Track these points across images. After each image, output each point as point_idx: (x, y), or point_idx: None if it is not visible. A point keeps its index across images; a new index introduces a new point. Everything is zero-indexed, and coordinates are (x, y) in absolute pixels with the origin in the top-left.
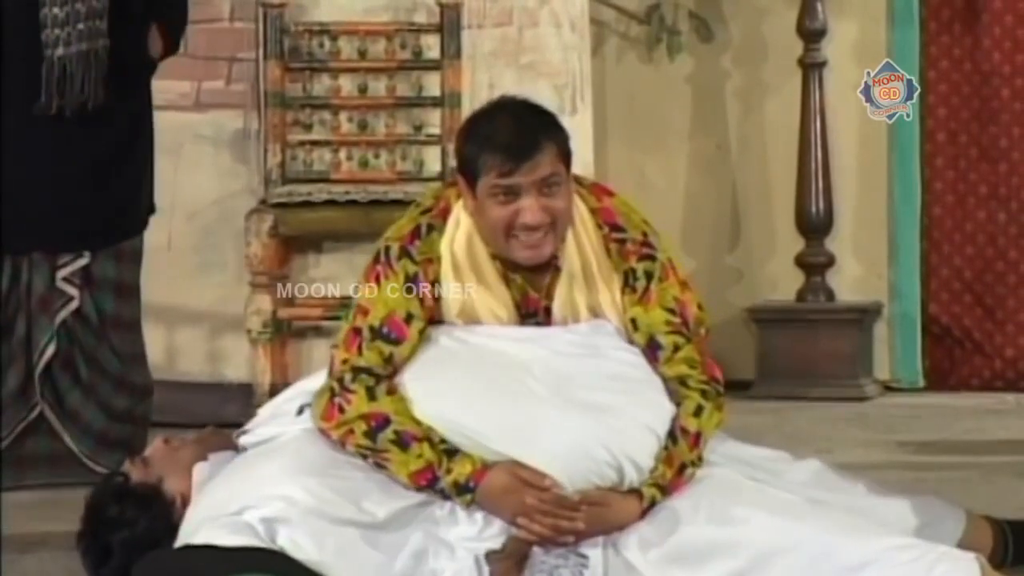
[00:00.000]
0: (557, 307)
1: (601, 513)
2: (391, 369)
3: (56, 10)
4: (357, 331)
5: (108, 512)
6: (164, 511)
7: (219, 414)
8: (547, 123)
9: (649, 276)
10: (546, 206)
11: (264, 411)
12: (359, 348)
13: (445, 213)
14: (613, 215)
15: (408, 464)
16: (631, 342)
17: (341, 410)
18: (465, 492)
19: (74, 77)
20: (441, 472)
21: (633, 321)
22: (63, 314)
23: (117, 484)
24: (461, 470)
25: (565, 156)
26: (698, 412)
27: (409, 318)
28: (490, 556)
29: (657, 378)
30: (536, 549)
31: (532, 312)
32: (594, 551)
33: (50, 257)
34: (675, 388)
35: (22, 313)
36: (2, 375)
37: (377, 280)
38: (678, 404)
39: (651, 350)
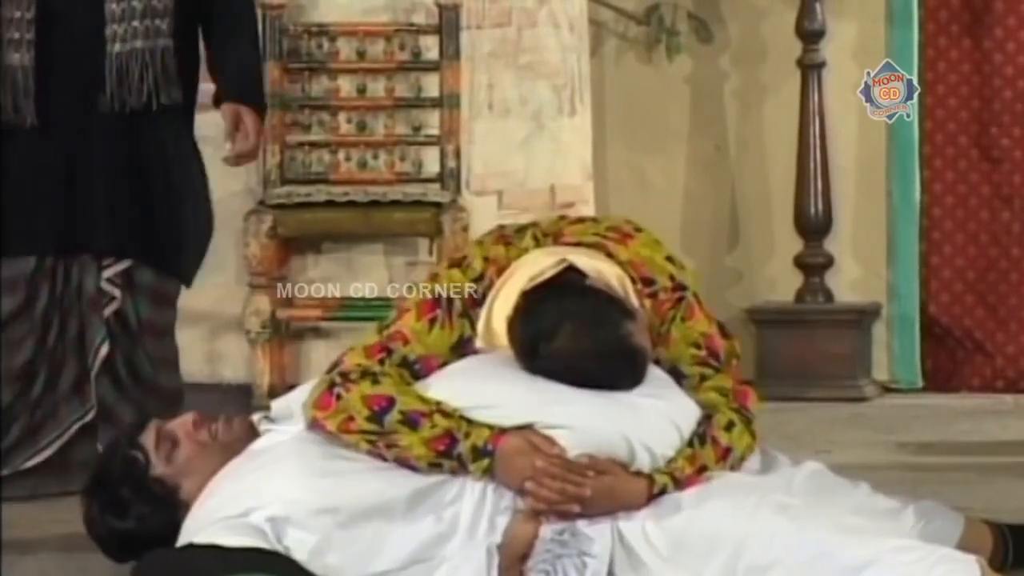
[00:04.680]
0: None
1: (608, 485)
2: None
3: (114, 6)
4: (387, 350)
5: (120, 493)
6: (174, 516)
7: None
8: (620, 315)
9: (672, 319)
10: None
11: (296, 396)
12: (380, 362)
13: (490, 286)
14: (640, 267)
15: (422, 436)
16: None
17: (339, 398)
18: (483, 456)
19: (132, 74)
20: (460, 435)
21: (656, 361)
22: (106, 313)
23: (138, 466)
24: (480, 433)
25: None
26: (729, 427)
27: (443, 364)
28: (501, 547)
29: (685, 393)
30: (540, 536)
31: None
32: (600, 537)
33: (96, 258)
34: (707, 406)
35: (75, 314)
36: (59, 375)
37: (432, 321)
38: (709, 416)
39: (675, 379)
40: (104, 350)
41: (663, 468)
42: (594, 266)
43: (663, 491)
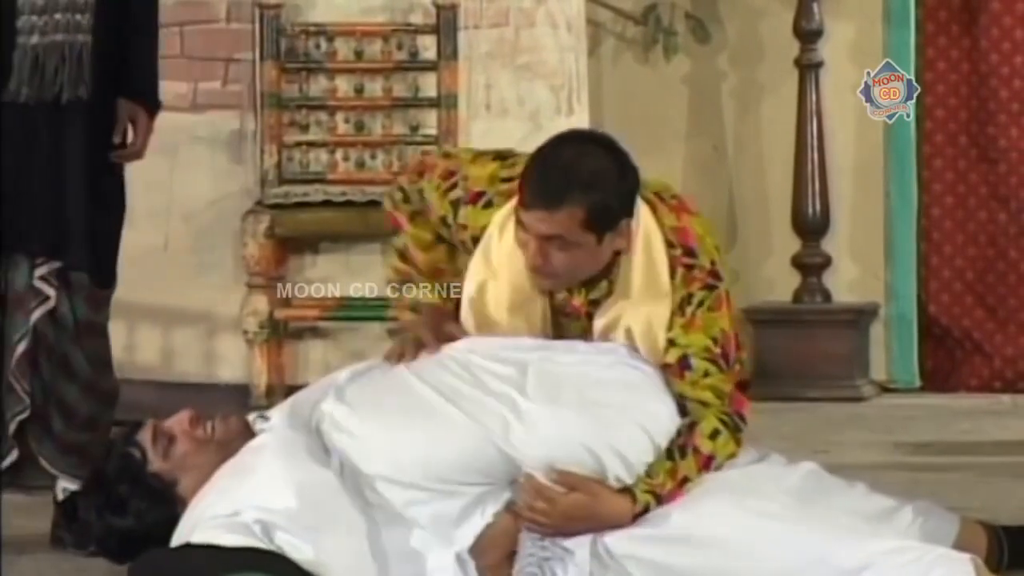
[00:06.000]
0: (600, 324)
1: (585, 504)
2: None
3: None
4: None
5: (118, 491)
6: (173, 511)
7: None
8: (585, 184)
9: (700, 303)
10: (547, 255)
11: (291, 401)
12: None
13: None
14: (689, 237)
15: None
16: (657, 359)
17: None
18: None
19: (46, 67)
20: None
21: (671, 340)
22: (38, 313)
23: (135, 463)
24: None
25: (590, 222)
26: (714, 436)
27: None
28: (474, 550)
29: (665, 394)
30: (524, 542)
31: (573, 315)
32: (581, 549)
33: (28, 256)
34: (693, 408)
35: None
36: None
37: (436, 187)
38: (693, 424)
39: (680, 368)
40: (22, 347)
41: (644, 485)
42: None
43: (646, 510)
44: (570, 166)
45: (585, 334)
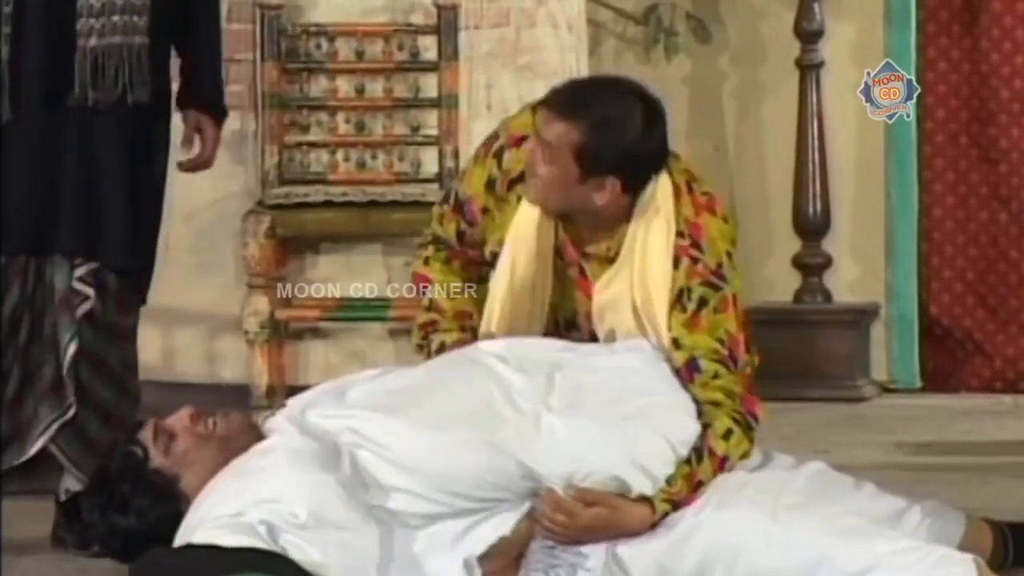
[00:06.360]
0: (600, 300)
1: (607, 516)
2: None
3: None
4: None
5: (120, 489)
6: (176, 507)
7: None
8: (601, 121)
9: (703, 302)
10: (535, 157)
11: (294, 403)
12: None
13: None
14: (700, 233)
15: None
16: (669, 360)
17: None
18: None
19: (106, 69)
20: None
21: (676, 341)
22: (80, 312)
23: (137, 461)
24: None
25: (581, 154)
26: (727, 435)
27: (484, 210)
28: (483, 558)
29: (686, 402)
30: (533, 548)
31: (569, 261)
32: (596, 555)
33: (67, 257)
34: (706, 409)
35: (49, 313)
36: (36, 375)
37: (476, 158)
38: (706, 425)
39: (689, 371)
40: (72, 349)
41: (663, 494)
42: None
43: (663, 516)
44: (604, 100)
45: (580, 294)
